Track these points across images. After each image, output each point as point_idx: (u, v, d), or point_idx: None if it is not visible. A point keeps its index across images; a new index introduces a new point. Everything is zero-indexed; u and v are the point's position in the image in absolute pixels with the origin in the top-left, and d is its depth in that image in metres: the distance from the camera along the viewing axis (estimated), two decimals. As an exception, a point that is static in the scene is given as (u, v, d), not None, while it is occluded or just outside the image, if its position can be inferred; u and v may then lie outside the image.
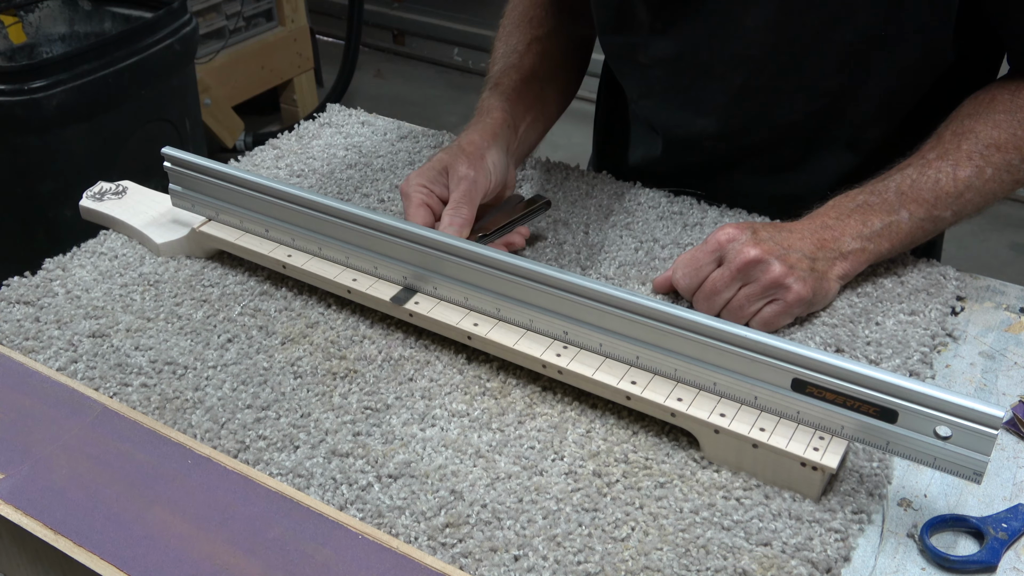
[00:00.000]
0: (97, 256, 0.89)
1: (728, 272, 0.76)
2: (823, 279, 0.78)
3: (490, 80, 0.97)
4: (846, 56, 0.85)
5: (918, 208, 0.80)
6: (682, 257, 0.80)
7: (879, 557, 0.62)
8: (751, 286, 0.76)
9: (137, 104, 2.01)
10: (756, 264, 0.75)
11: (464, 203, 0.81)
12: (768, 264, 0.75)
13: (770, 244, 0.76)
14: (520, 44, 1.00)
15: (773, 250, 0.76)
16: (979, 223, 2.70)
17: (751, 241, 0.76)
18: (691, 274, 0.78)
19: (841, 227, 0.79)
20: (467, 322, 0.75)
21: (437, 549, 0.61)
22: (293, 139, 1.10)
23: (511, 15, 1.04)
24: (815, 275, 0.77)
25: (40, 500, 0.63)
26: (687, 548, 0.61)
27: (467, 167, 0.83)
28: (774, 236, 0.77)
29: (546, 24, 1.01)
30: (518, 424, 0.70)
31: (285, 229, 0.83)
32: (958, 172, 0.80)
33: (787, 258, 0.76)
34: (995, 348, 0.79)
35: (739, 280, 0.76)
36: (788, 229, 0.79)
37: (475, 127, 0.89)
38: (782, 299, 0.76)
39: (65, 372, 0.75)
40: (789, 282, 0.75)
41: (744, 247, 0.76)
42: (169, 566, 0.59)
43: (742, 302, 0.76)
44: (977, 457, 0.60)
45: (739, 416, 0.66)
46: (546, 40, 1.00)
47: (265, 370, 0.75)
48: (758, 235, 0.77)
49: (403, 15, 3.75)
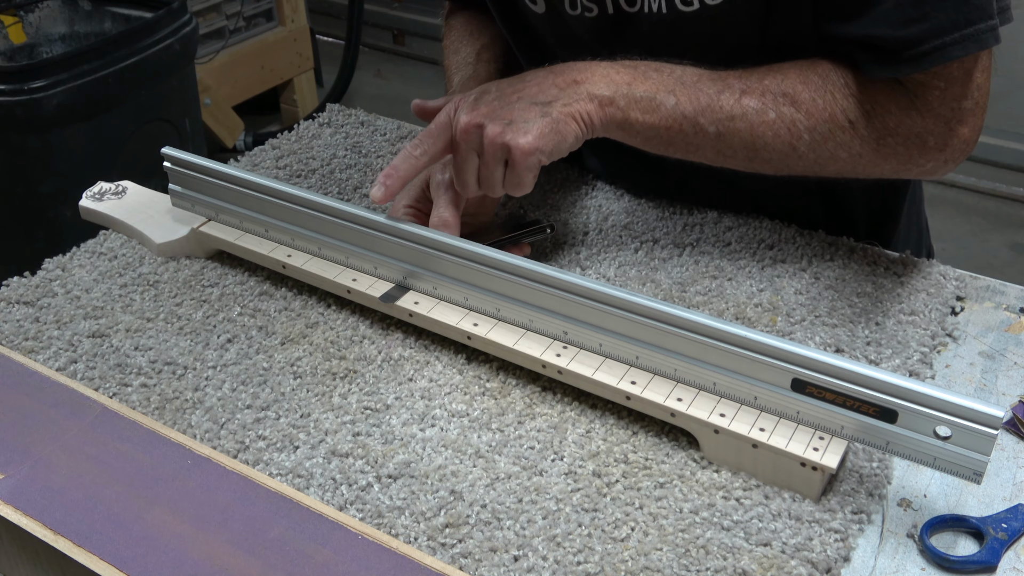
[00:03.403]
0: (97, 256, 0.89)
1: (456, 146, 0.75)
2: (559, 121, 0.74)
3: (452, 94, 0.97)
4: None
5: (688, 104, 0.76)
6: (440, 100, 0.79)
7: (879, 557, 0.62)
8: (483, 155, 0.74)
9: (137, 104, 2.01)
10: (472, 131, 0.74)
11: (445, 207, 0.80)
12: (482, 129, 0.73)
13: (492, 105, 0.74)
14: (469, 56, 1.00)
15: (492, 112, 0.74)
16: (979, 223, 2.71)
17: (468, 108, 0.75)
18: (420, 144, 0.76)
19: (601, 74, 0.76)
20: (467, 322, 0.75)
21: (437, 549, 0.61)
22: (293, 139, 1.10)
23: (452, 33, 1.04)
24: (547, 120, 0.73)
25: (40, 500, 0.63)
26: (687, 548, 0.61)
27: (443, 173, 0.81)
28: (503, 92, 0.75)
29: (486, 32, 1.01)
30: (518, 424, 0.70)
31: (285, 229, 0.83)
32: (744, 98, 0.76)
33: (507, 113, 0.73)
34: (995, 348, 0.79)
35: (468, 150, 0.75)
36: (533, 76, 0.77)
37: None
38: (511, 158, 0.73)
39: (65, 372, 0.75)
40: (506, 140, 0.73)
41: (459, 115, 0.74)
42: (169, 566, 0.59)
43: (485, 172, 0.75)
44: (977, 457, 0.60)
45: (739, 416, 0.66)
46: (492, 46, 1.00)
47: (265, 370, 0.75)
48: (483, 97, 0.75)
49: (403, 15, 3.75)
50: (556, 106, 0.74)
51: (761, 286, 0.84)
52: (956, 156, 0.77)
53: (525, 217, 0.93)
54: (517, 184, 0.75)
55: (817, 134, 0.76)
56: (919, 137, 0.75)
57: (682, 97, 0.76)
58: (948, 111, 0.74)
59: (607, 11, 0.84)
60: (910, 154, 0.77)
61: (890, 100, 0.75)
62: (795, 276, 0.85)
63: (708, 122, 0.76)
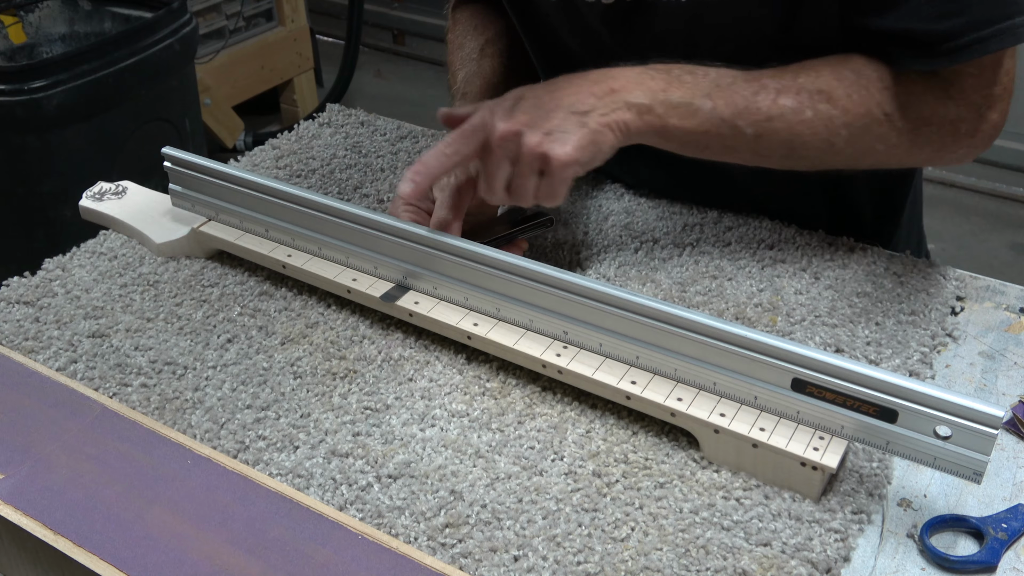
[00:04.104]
0: (97, 256, 0.89)
1: (490, 153, 0.73)
2: (597, 132, 0.73)
3: (457, 92, 0.96)
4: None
5: (725, 107, 0.75)
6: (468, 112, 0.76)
7: (879, 557, 0.62)
8: (517, 164, 0.73)
9: (137, 104, 2.01)
10: (509, 139, 0.72)
11: (445, 208, 0.79)
12: (520, 137, 0.72)
13: (529, 113, 0.72)
14: (473, 51, 0.99)
15: (531, 120, 0.72)
16: (979, 223, 2.71)
17: (504, 115, 0.73)
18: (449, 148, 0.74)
19: (637, 82, 0.74)
20: (467, 322, 0.75)
21: (437, 549, 0.61)
22: (293, 139, 1.10)
23: (457, 27, 1.04)
24: (585, 131, 0.72)
25: (40, 500, 0.63)
26: (687, 548, 0.61)
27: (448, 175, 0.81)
28: (539, 99, 0.74)
29: (492, 26, 1.01)
30: (518, 424, 0.70)
31: (285, 229, 0.83)
32: (780, 98, 0.76)
33: (544, 123, 0.72)
34: (995, 348, 0.79)
35: (502, 158, 0.73)
36: (567, 84, 0.75)
37: None
38: (549, 169, 0.72)
39: (65, 372, 0.75)
40: (544, 149, 0.71)
41: (495, 122, 0.72)
42: (169, 566, 0.59)
43: (518, 181, 0.74)
44: (977, 457, 0.60)
45: (739, 416, 0.66)
46: (497, 41, 1.00)
47: (265, 370, 0.75)
48: (519, 104, 0.73)
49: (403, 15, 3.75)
50: (594, 116, 0.73)
51: (761, 286, 0.84)
52: (985, 141, 0.77)
53: (524, 210, 0.92)
54: (550, 195, 0.74)
55: (854, 129, 0.76)
56: (952, 125, 0.76)
57: (719, 100, 0.76)
58: (980, 98, 0.75)
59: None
60: (944, 142, 0.77)
61: (925, 90, 0.75)
62: (795, 276, 0.85)
63: (746, 124, 0.76)
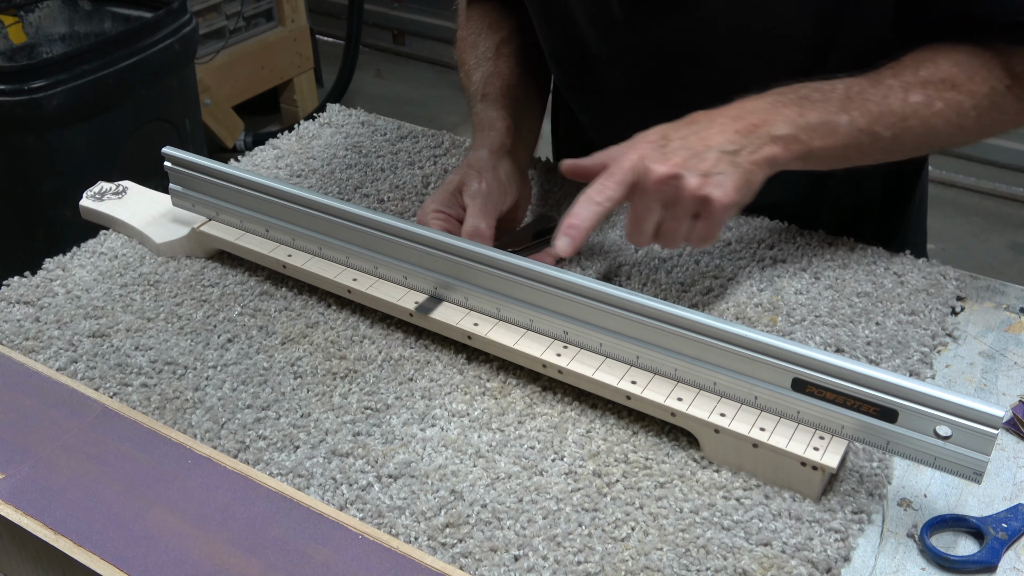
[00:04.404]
0: (97, 256, 0.89)
1: (644, 196, 0.72)
2: (749, 172, 0.72)
3: (476, 92, 0.95)
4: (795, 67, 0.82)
5: (861, 117, 0.75)
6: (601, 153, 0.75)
7: (879, 557, 0.62)
8: (672, 207, 0.72)
9: (137, 104, 2.01)
10: (668, 182, 0.71)
11: (479, 217, 0.79)
12: (680, 179, 0.70)
13: (683, 154, 0.71)
14: (489, 50, 0.98)
15: (686, 161, 0.71)
16: (979, 223, 2.71)
17: (660, 157, 0.71)
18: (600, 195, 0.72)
19: (774, 113, 0.74)
20: (467, 322, 0.75)
21: (437, 549, 0.61)
22: (293, 139, 1.10)
23: (469, 24, 1.02)
24: (738, 171, 0.72)
25: (40, 500, 0.63)
26: (687, 548, 0.61)
27: (479, 182, 0.81)
28: (688, 140, 0.72)
29: (506, 24, 1.00)
30: (518, 424, 0.70)
31: (285, 229, 0.83)
32: (909, 96, 0.76)
33: (701, 164, 0.71)
34: (995, 348, 0.79)
35: (657, 202, 0.72)
36: (708, 123, 0.74)
37: (481, 142, 0.87)
38: (707, 212, 0.71)
39: (65, 372, 0.75)
40: (707, 192, 0.70)
41: (652, 165, 0.71)
42: (169, 566, 0.59)
43: (671, 224, 0.73)
44: (977, 457, 0.60)
45: (739, 416, 0.66)
46: (512, 40, 0.99)
47: (265, 370, 0.75)
48: (668, 145, 0.72)
49: (403, 15, 3.75)
50: (743, 155, 0.72)
51: (761, 286, 0.84)
52: None
53: (552, 218, 0.90)
54: (706, 237, 0.73)
55: (982, 109, 0.76)
56: None
57: (853, 112, 0.75)
58: None
59: None
60: None
61: None
62: (795, 276, 0.85)
63: (883, 128, 0.76)
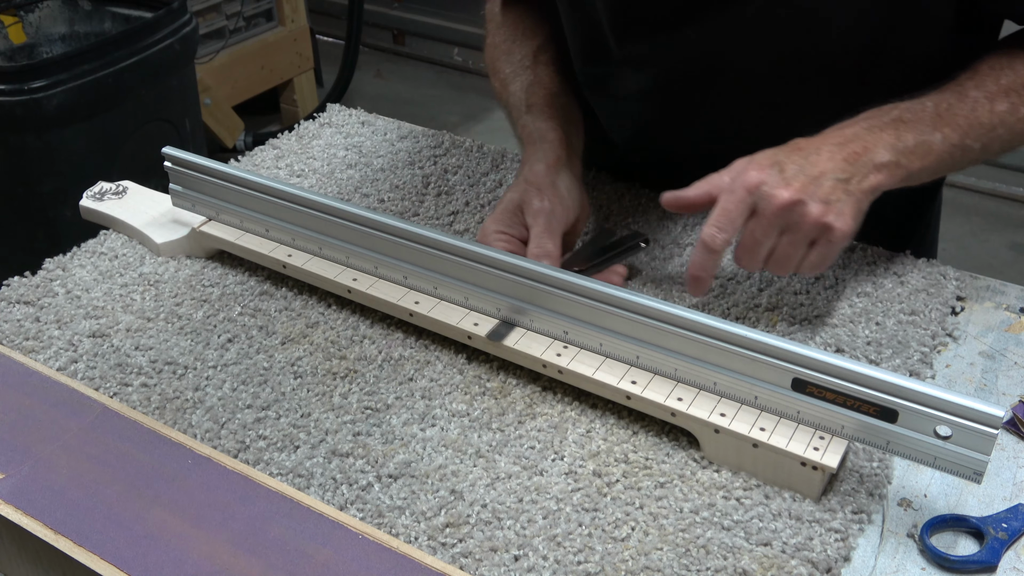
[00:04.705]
0: (97, 256, 0.89)
1: (764, 221, 0.71)
2: (860, 200, 0.73)
3: (519, 103, 0.92)
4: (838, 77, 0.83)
5: (952, 132, 0.76)
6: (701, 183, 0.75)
7: (879, 557, 0.62)
8: (792, 233, 0.71)
9: (137, 104, 2.01)
10: (792, 208, 0.70)
11: (546, 237, 0.77)
12: (804, 206, 0.70)
13: (802, 180, 0.71)
14: (526, 58, 0.96)
15: (805, 187, 0.71)
16: (979, 223, 2.71)
17: (781, 182, 0.71)
18: (726, 227, 0.72)
19: (873, 139, 0.74)
20: (467, 322, 0.75)
21: (437, 549, 0.61)
22: (293, 139, 1.10)
23: (500, 33, 1.00)
24: (852, 199, 0.72)
25: (40, 500, 0.63)
26: (687, 548, 0.61)
27: (540, 199, 0.79)
28: (802, 166, 0.72)
29: (541, 31, 0.98)
30: (518, 424, 0.70)
31: (285, 229, 0.83)
32: (995, 105, 0.76)
33: (821, 192, 0.71)
34: (995, 348, 0.79)
35: (776, 228, 0.71)
36: (815, 150, 0.73)
37: (535, 156, 0.84)
38: (826, 239, 0.71)
39: (65, 372, 0.75)
40: (829, 220, 0.70)
41: (775, 190, 0.70)
42: (169, 566, 0.59)
43: (787, 251, 0.72)
44: (977, 457, 0.60)
45: (739, 416, 0.66)
46: (548, 47, 0.97)
47: (265, 370, 0.75)
48: (785, 171, 0.71)
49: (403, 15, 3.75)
50: (853, 183, 0.72)
51: (761, 286, 0.84)
52: None
53: (613, 232, 0.88)
54: (819, 265, 0.73)
55: None
56: None
57: (945, 129, 0.76)
58: None
59: None
60: None
61: None
62: (795, 276, 0.85)
63: (973, 141, 0.77)
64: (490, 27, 1.02)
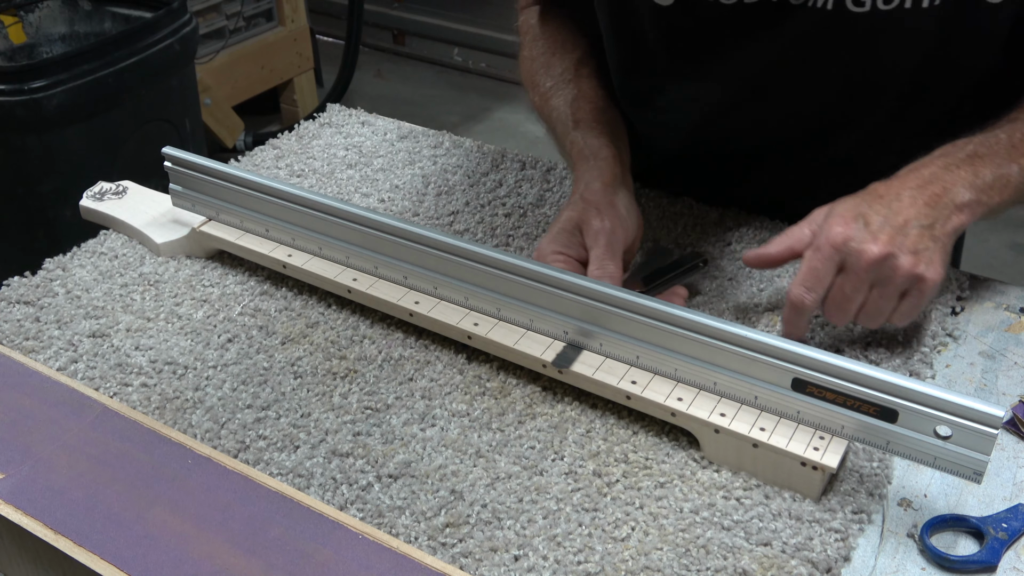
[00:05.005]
0: (97, 256, 0.89)
1: (854, 278, 0.71)
2: (945, 244, 0.72)
3: (566, 118, 0.90)
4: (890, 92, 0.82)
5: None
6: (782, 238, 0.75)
7: (879, 557, 0.62)
8: (883, 286, 0.71)
9: (137, 104, 2.01)
10: (883, 262, 0.70)
11: (607, 258, 0.75)
12: (895, 259, 0.70)
13: (888, 231, 0.70)
14: (567, 71, 0.93)
15: (893, 239, 0.70)
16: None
17: (868, 237, 0.70)
18: (814, 287, 0.72)
19: (951, 178, 0.73)
20: (467, 322, 0.75)
21: (437, 549, 0.61)
22: (293, 139, 1.10)
23: (536, 45, 0.97)
24: (938, 245, 0.71)
25: (40, 500, 0.63)
26: (687, 548, 0.61)
27: (600, 219, 0.77)
28: (887, 217, 0.71)
29: (580, 43, 0.96)
30: (518, 424, 0.70)
31: (285, 229, 0.83)
32: None
33: (908, 242, 0.70)
34: (995, 348, 0.79)
35: (867, 282, 0.71)
36: (895, 196, 0.72)
37: (590, 173, 0.82)
38: (917, 290, 0.71)
39: (65, 372, 0.75)
40: (920, 271, 0.70)
41: (864, 246, 0.70)
42: (169, 566, 0.59)
43: (878, 304, 0.72)
44: (977, 457, 0.60)
45: (739, 416, 0.66)
46: (589, 59, 0.94)
47: (265, 370, 0.75)
48: (870, 224, 0.71)
49: (403, 15, 3.75)
50: (938, 227, 0.72)
51: (761, 286, 0.84)
52: None
53: (671, 252, 0.86)
54: (912, 314, 0.73)
55: None
56: None
57: (1021, 160, 0.75)
58: None
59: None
60: None
61: None
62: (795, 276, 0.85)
63: None
64: (525, 39, 1.00)
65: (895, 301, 0.72)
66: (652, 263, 0.84)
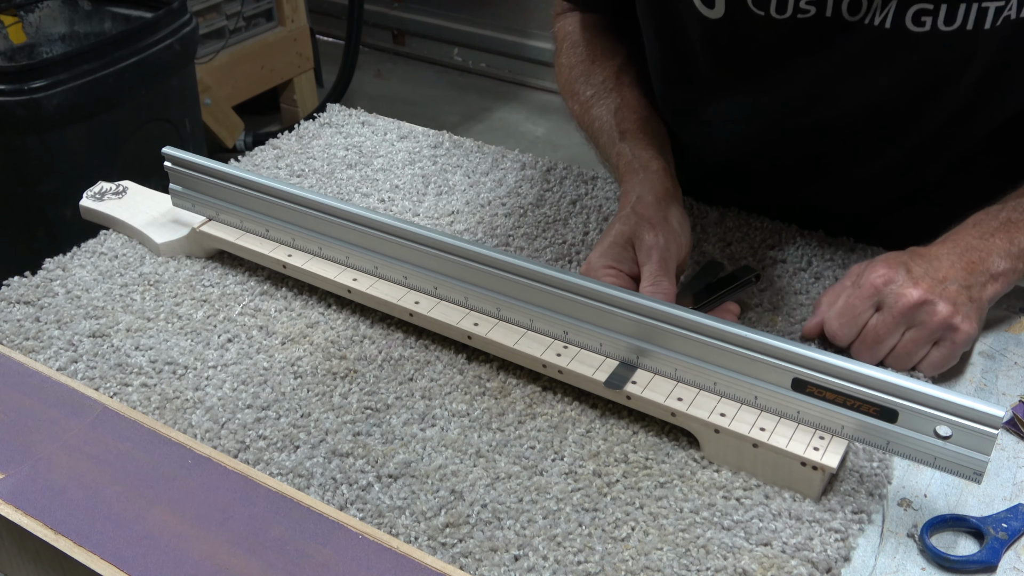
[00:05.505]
0: (97, 256, 0.89)
1: (890, 318, 0.72)
2: (981, 308, 0.74)
3: (611, 129, 0.88)
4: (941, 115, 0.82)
5: None
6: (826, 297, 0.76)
7: (879, 557, 0.62)
8: (916, 330, 0.72)
9: (137, 104, 2.01)
10: (920, 307, 0.71)
11: (662, 275, 0.74)
12: (933, 305, 0.71)
13: (928, 281, 0.72)
14: (608, 80, 0.92)
15: (933, 288, 0.71)
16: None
17: (909, 281, 0.71)
18: (849, 323, 0.73)
19: (987, 247, 0.75)
20: (467, 322, 0.75)
21: (437, 549, 0.61)
22: (293, 139, 1.10)
23: (574, 53, 0.96)
24: (975, 305, 0.73)
25: (40, 500, 0.63)
26: (687, 548, 0.61)
27: (653, 234, 0.75)
28: (928, 269, 0.73)
29: (620, 51, 0.95)
30: (518, 424, 0.70)
31: (285, 229, 0.83)
32: None
33: (947, 293, 0.71)
34: (995, 348, 0.79)
35: (902, 325, 0.72)
36: (935, 256, 0.74)
37: (641, 186, 0.81)
38: (951, 340, 0.72)
39: (65, 372, 0.75)
40: (956, 322, 0.71)
41: (904, 289, 0.71)
42: (169, 566, 0.59)
43: (909, 348, 0.72)
44: (977, 457, 0.60)
45: (739, 416, 0.66)
46: (629, 68, 0.93)
47: (265, 370, 0.75)
48: (912, 272, 0.72)
49: (403, 15, 3.75)
50: (975, 291, 0.73)
51: (761, 286, 0.84)
52: None
53: (723, 266, 0.85)
54: (942, 365, 0.74)
55: None
56: None
57: None
58: None
59: (825, 14, 0.77)
60: None
61: None
62: (795, 276, 0.85)
63: None
64: (563, 46, 0.99)
65: (927, 348, 0.73)
66: (704, 277, 0.82)
